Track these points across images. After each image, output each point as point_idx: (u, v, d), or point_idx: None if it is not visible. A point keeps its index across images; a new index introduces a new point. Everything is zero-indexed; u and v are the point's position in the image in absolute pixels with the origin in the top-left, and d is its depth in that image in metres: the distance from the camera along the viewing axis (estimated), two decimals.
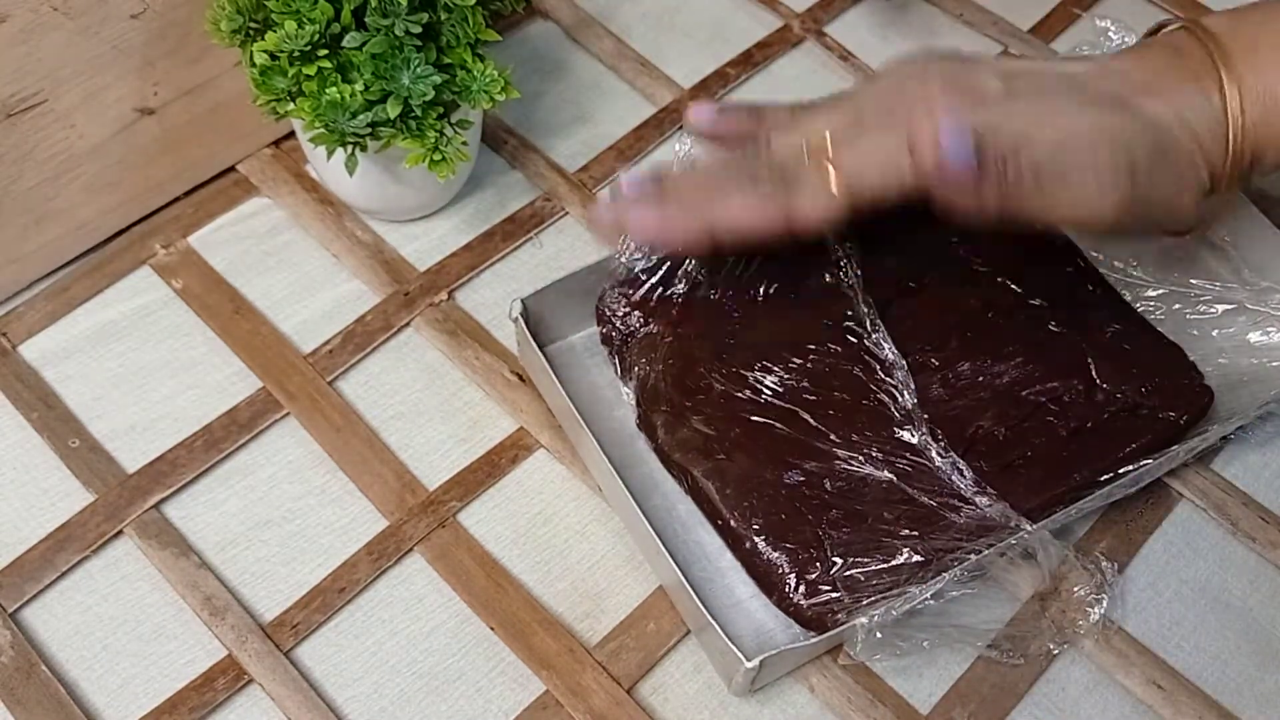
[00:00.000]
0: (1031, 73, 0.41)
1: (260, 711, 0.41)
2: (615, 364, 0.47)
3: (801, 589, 0.41)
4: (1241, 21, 0.41)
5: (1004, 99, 0.39)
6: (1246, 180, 0.42)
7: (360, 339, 0.49)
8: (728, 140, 0.43)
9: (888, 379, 0.44)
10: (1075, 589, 0.42)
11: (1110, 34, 0.54)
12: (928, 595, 0.39)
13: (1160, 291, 0.49)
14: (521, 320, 0.45)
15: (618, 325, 0.46)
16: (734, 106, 0.44)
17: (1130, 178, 0.39)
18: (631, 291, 0.46)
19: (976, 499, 0.42)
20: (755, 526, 0.42)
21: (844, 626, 0.40)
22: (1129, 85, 0.40)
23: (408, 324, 0.49)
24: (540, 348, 0.45)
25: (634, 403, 0.45)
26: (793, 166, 0.40)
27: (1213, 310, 0.48)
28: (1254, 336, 0.48)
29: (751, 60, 0.58)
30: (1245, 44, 0.40)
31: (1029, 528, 0.41)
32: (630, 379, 0.46)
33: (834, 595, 0.40)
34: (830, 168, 0.39)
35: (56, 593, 0.43)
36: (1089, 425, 0.44)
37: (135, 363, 0.48)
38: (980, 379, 0.45)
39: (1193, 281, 0.49)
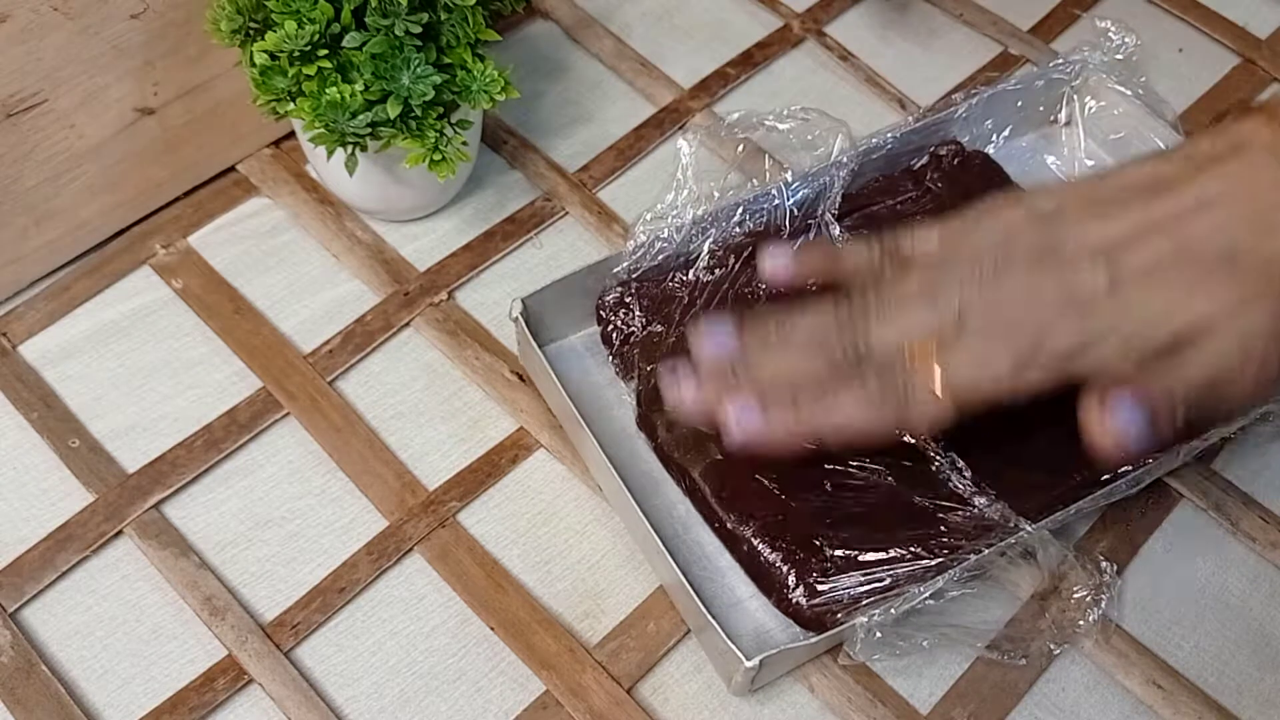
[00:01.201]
0: (1135, 237, 0.37)
1: (260, 711, 0.41)
2: (615, 364, 0.47)
3: (800, 589, 0.41)
4: None
5: (1109, 298, 0.36)
6: None
7: (360, 339, 0.49)
8: (805, 279, 0.42)
9: None
10: (1075, 589, 0.42)
11: (1111, 34, 0.54)
12: (927, 595, 0.39)
13: None
14: (521, 320, 0.45)
15: (618, 325, 0.46)
16: (810, 250, 0.42)
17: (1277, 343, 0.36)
18: (632, 292, 0.46)
19: (975, 499, 0.42)
20: (753, 527, 0.42)
21: (843, 626, 0.40)
22: (1234, 224, 0.36)
23: (408, 324, 0.49)
24: (540, 347, 0.45)
25: (634, 402, 0.45)
26: (896, 369, 0.38)
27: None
28: None
29: (751, 60, 0.58)
30: None
31: (1029, 528, 0.41)
32: (631, 379, 0.46)
33: (833, 595, 0.40)
34: (937, 371, 0.37)
35: (56, 593, 0.43)
36: None
37: (135, 363, 0.48)
38: None
39: None
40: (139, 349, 0.48)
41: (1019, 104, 0.53)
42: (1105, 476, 0.43)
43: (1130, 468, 0.43)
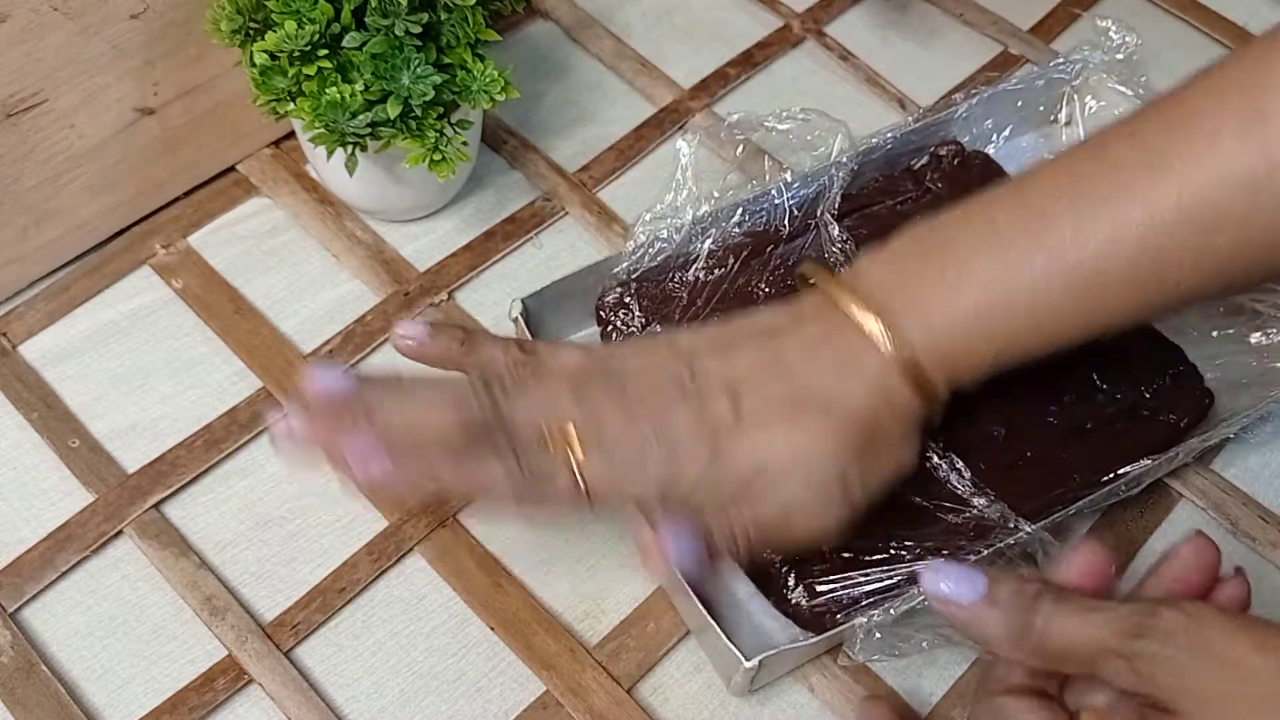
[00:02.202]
0: (754, 379, 0.39)
1: (260, 711, 0.41)
2: None
3: (799, 590, 0.41)
4: (872, 267, 0.40)
5: (733, 427, 0.38)
6: (959, 389, 0.40)
7: (360, 339, 0.49)
8: (433, 360, 0.40)
9: None
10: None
11: (1111, 34, 0.54)
12: (924, 595, 0.39)
13: None
14: (521, 320, 0.45)
15: (618, 325, 0.46)
16: (444, 328, 0.40)
17: (842, 489, 0.38)
18: (632, 292, 0.46)
19: (975, 500, 0.42)
20: None
21: (842, 627, 0.40)
22: (829, 372, 0.39)
23: None
24: None
25: None
26: (535, 448, 0.37)
27: (1213, 311, 0.48)
28: (1255, 338, 0.48)
29: (751, 60, 0.58)
30: (883, 290, 0.39)
31: (1028, 528, 0.41)
32: None
33: (832, 596, 0.40)
34: (574, 464, 0.37)
35: (56, 593, 0.43)
36: (1088, 426, 0.44)
37: (135, 362, 0.48)
38: None
39: None
40: (139, 349, 0.48)
41: (1019, 104, 0.53)
42: (1106, 477, 0.43)
43: (1130, 469, 0.43)
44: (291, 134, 0.53)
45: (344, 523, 0.44)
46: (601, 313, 0.47)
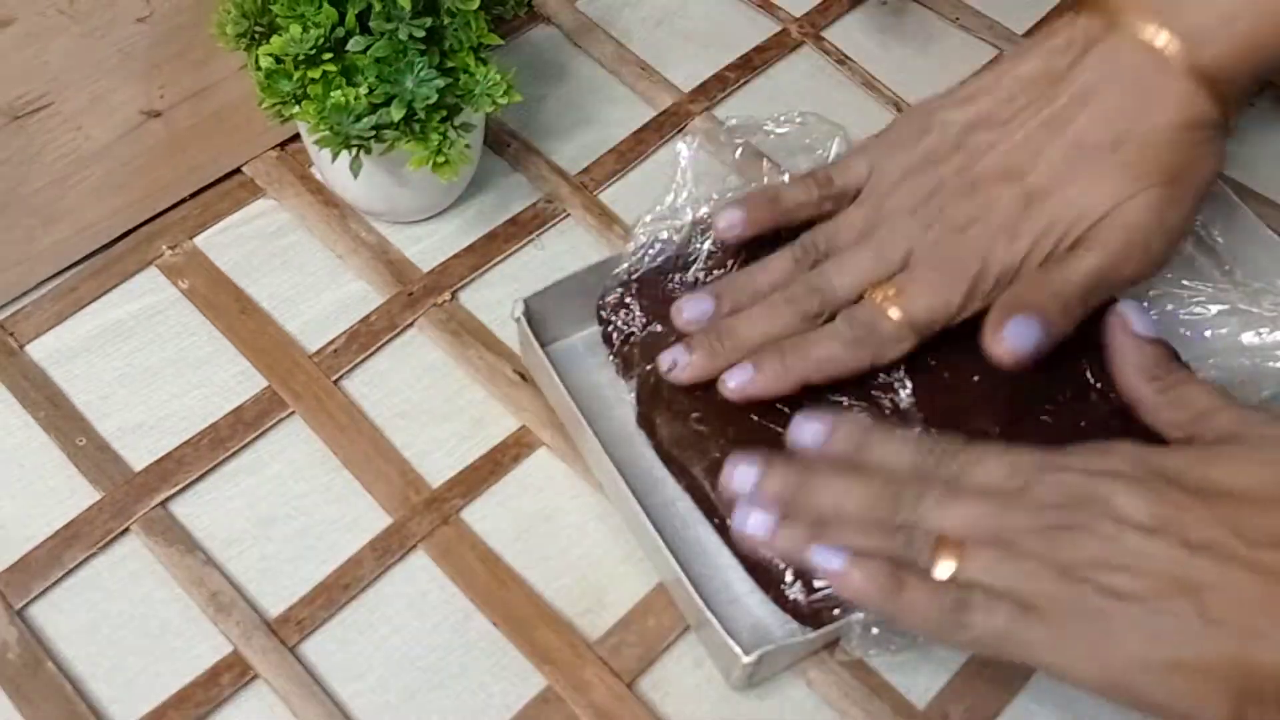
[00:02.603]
0: (1033, 144, 0.41)
1: (265, 707, 0.41)
2: (616, 363, 0.47)
3: (798, 585, 0.41)
4: None
5: (1028, 209, 0.41)
6: (1254, 91, 0.42)
7: (365, 339, 0.49)
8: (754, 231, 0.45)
9: (884, 378, 0.44)
10: None
11: None
12: None
13: (1153, 293, 0.49)
14: (524, 320, 0.46)
15: (618, 325, 0.47)
16: (754, 201, 0.45)
17: (1162, 231, 0.41)
18: (632, 292, 0.47)
19: None
20: None
21: (840, 622, 0.40)
22: (1117, 114, 0.41)
23: (411, 324, 0.50)
24: (542, 347, 0.46)
25: (634, 401, 0.46)
26: (861, 310, 0.42)
27: (1206, 311, 0.49)
28: (1247, 337, 0.48)
29: (750, 64, 0.58)
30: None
31: None
32: (631, 378, 0.46)
33: (830, 592, 0.41)
34: (897, 308, 0.42)
35: (63, 590, 0.43)
36: (1082, 425, 0.44)
37: (142, 362, 0.48)
38: (974, 379, 0.45)
39: (1185, 283, 0.49)
40: (145, 348, 0.49)
41: None
42: None
43: None
44: (297, 136, 0.54)
45: (348, 520, 0.45)
46: (602, 313, 0.47)
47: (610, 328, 0.47)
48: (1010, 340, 0.40)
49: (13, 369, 0.48)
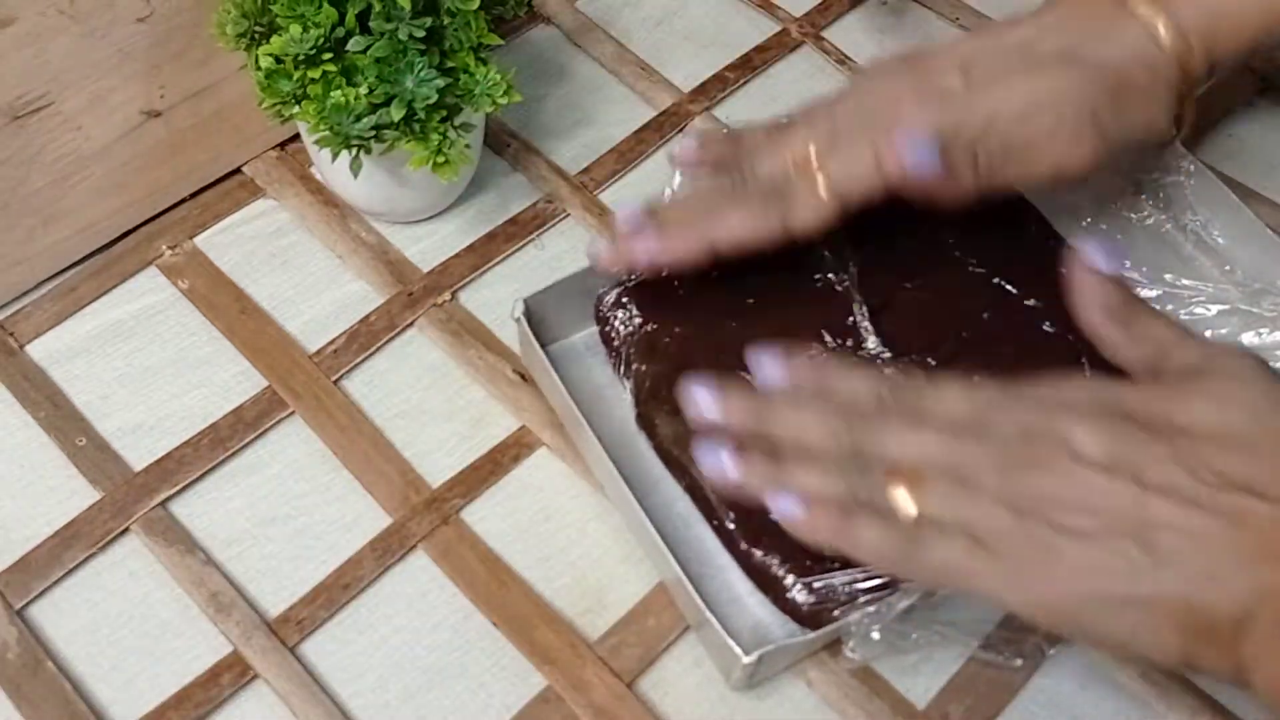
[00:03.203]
0: (986, 53, 0.43)
1: (265, 707, 0.41)
2: (615, 363, 0.47)
3: (797, 586, 0.41)
4: None
5: (965, 92, 0.42)
6: (1217, 72, 0.43)
7: (365, 339, 0.49)
8: (713, 167, 0.45)
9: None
10: None
11: None
12: (921, 591, 0.40)
13: (1154, 293, 0.49)
14: (523, 320, 0.46)
15: (617, 325, 0.47)
16: (713, 134, 0.46)
17: (1094, 125, 0.41)
18: (630, 292, 0.47)
19: None
20: (752, 524, 0.42)
21: (839, 623, 0.40)
22: (1071, 37, 0.42)
23: (411, 324, 0.50)
24: (542, 347, 0.46)
25: (633, 401, 0.46)
26: (781, 181, 0.42)
27: (1206, 311, 0.49)
28: (1247, 338, 0.48)
29: (750, 64, 0.59)
30: None
31: None
32: (630, 377, 0.46)
33: (829, 593, 0.41)
34: (818, 176, 0.42)
35: (63, 590, 0.43)
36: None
37: (142, 362, 0.48)
38: (974, 379, 0.45)
39: (1185, 282, 0.49)
40: (146, 348, 0.49)
41: None
42: None
43: None
44: (297, 136, 0.54)
45: (348, 520, 0.45)
46: (601, 312, 0.47)
47: (609, 327, 0.47)
48: (908, 154, 0.41)
49: (13, 369, 0.48)
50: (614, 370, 0.47)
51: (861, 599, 0.40)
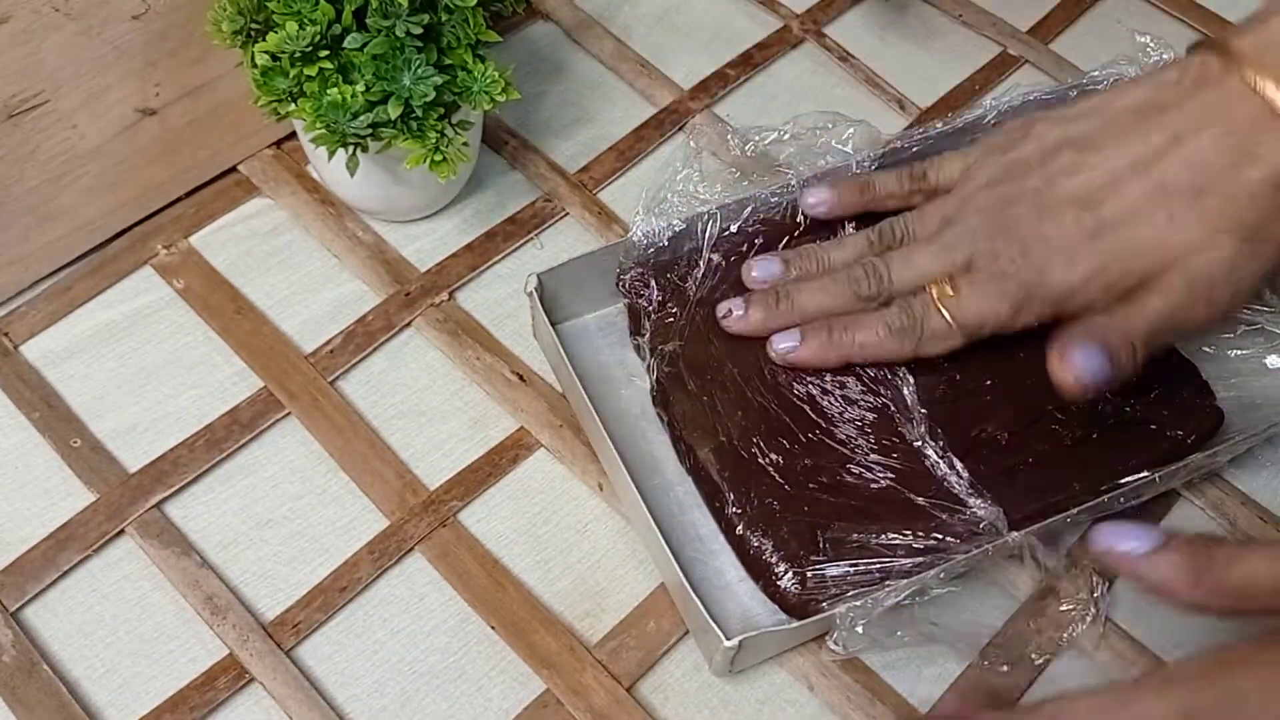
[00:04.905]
0: (1111, 188, 0.41)
1: (261, 710, 0.41)
2: (636, 339, 0.47)
3: (788, 575, 0.41)
4: (1262, 31, 0.40)
5: (1095, 239, 0.41)
6: None
7: (361, 339, 0.49)
8: (845, 212, 0.48)
9: (893, 376, 0.44)
10: (1063, 601, 0.43)
11: (1150, 49, 0.53)
12: (911, 590, 0.40)
13: None
14: (535, 295, 0.45)
15: (638, 302, 0.47)
16: (848, 184, 0.47)
17: (1233, 272, 0.40)
18: (652, 270, 0.47)
19: (970, 501, 0.42)
20: (749, 510, 0.42)
21: (825, 614, 0.40)
22: (1205, 173, 0.40)
23: (409, 324, 0.49)
24: (553, 326, 0.46)
25: (653, 378, 0.46)
26: (915, 303, 0.44)
27: (1231, 330, 0.48)
28: (1271, 360, 0.47)
29: (751, 61, 0.58)
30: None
31: (1018, 534, 0.41)
32: (650, 354, 0.46)
33: (818, 584, 0.40)
34: (949, 316, 0.43)
35: (58, 592, 0.43)
36: (1093, 435, 0.44)
37: (137, 363, 0.48)
38: (987, 382, 0.45)
39: None
40: (141, 349, 0.48)
41: None
42: (1105, 488, 0.43)
43: (1131, 479, 0.43)
44: (293, 135, 0.54)
45: (345, 522, 0.45)
46: (621, 288, 0.47)
47: (633, 298, 0.47)
48: (1078, 367, 0.40)
49: (7, 369, 0.47)
50: (634, 347, 0.47)
51: (850, 591, 0.40)
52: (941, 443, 0.43)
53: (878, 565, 0.41)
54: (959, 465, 0.43)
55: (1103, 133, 0.43)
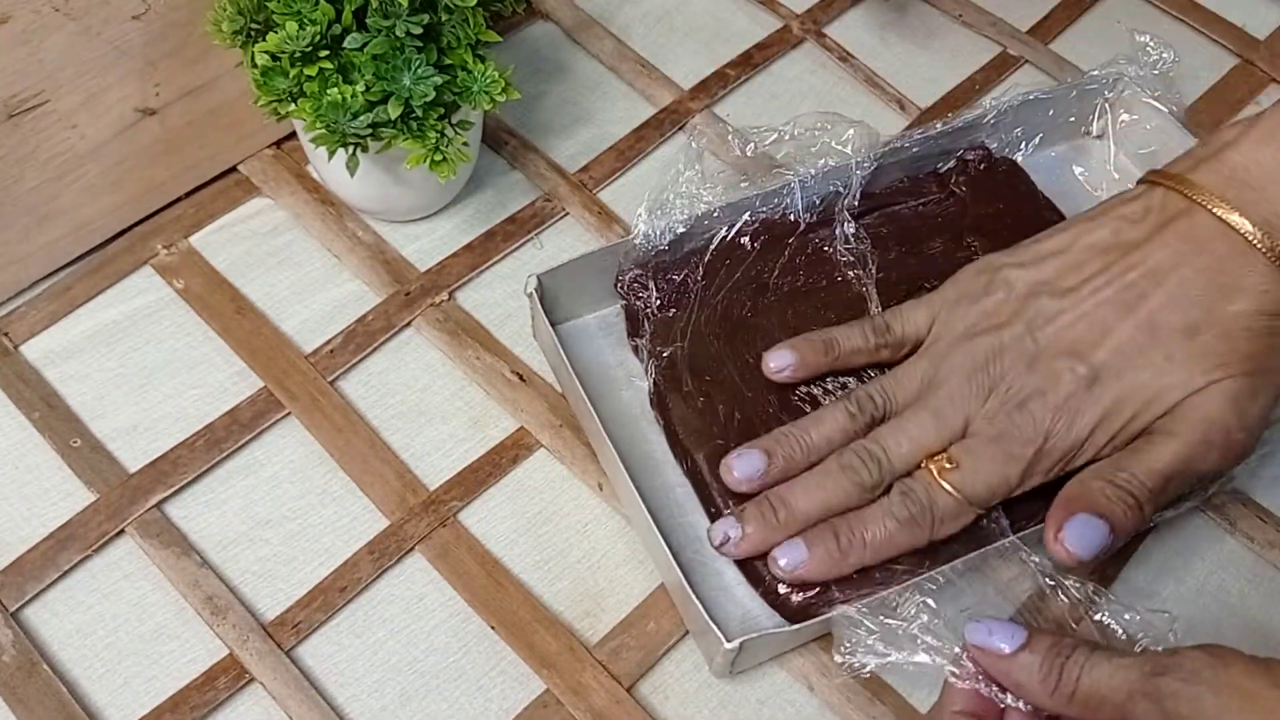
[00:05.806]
0: (1101, 321, 0.40)
1: (261, 710, 0.41)
2: (634, 341, 0.47)
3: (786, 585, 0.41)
4: (1221, 166, 0.40)
5: (1091, 389, 0.40)
6: None
7: (361, 339, 0.49)
8: (805, 376, 0.44)
9: None
10: (1063, 598, 0.42)
11: (1149, 49, 0.53)
12: (910, 594, 0.40)
13: None
14: (535, 296, 0.45)
15: (636, 304, 0.47)
16: (807, 344, 0.44)
17: (1240, 415, 0.39)
18: (651, 272, 0.47)
19: None
20: None
21: (823, 617, 0.40)
22: (1195, 310, 0.39)
23: (409, 324, 0.49)
24: (552, 326, 0.46)
25: (651, 379, 0.45)
26: (918, 484, 0.41)
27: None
28: None
29: (751, 61, 0.58)
30: (1248, 178, 0.39)
31: (1019, 536, 0.41)
32: (649, 356, 0.46)
33: (819, 590, 0.40)
34: (958, 492, 0.40)
35: (58, 592, 0.43)
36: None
37: (137, 362, 0.48)
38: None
39: None
40: (140, 349, 0.48)
41: (1050, 113, 0.53)
42: None
43: None
44: (293, 134, 0.54)
45: (345, 522, 0.45)
46: (620, 289, 0.47)
47: (631, 299, 0.47)
48: (1072, 542, 0.38)
49: (7, 369, 0.47)
50: (631, 346, 0.47)
51: (851, 597, 0.40)
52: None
53: (879, 570, 0.41)
54: None
55: (1075, 275, 0.41)
